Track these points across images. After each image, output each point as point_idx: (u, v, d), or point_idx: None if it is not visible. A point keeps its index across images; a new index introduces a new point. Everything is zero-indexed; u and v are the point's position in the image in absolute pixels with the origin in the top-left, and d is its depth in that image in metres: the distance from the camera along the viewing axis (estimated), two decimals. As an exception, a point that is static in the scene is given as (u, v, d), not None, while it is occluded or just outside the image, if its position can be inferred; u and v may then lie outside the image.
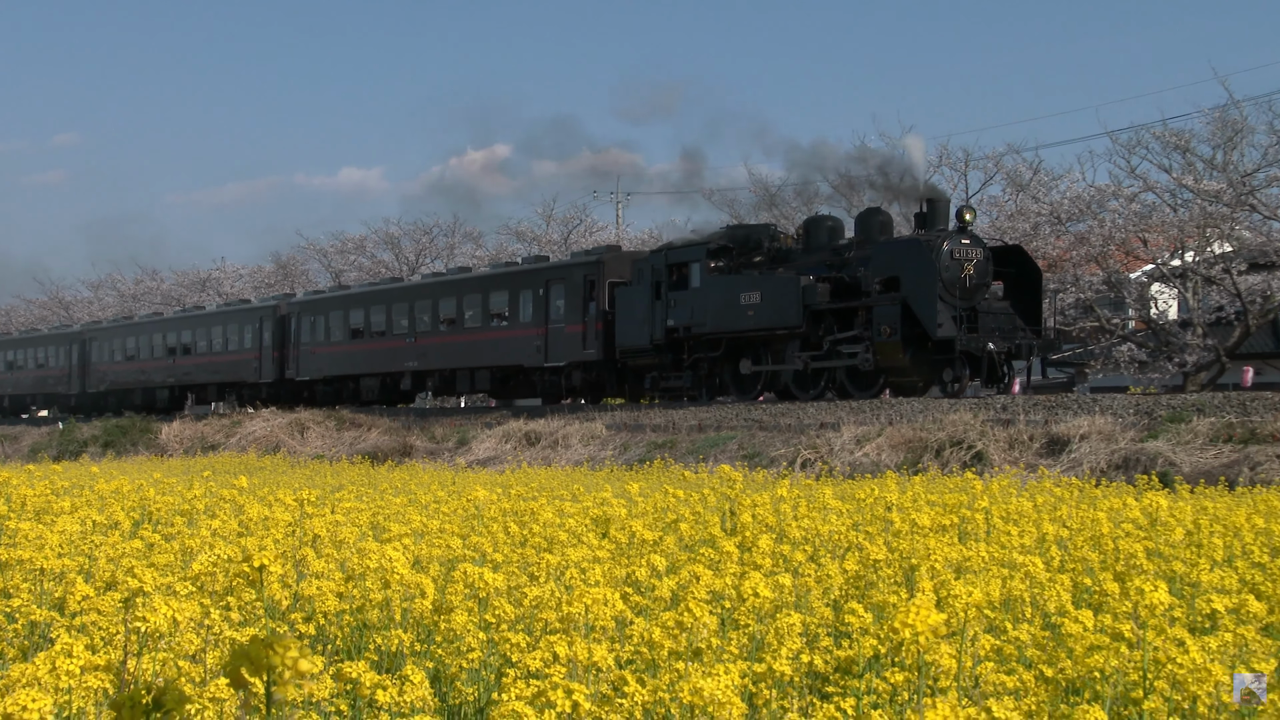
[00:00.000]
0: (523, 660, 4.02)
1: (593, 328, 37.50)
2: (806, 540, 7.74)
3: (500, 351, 41.09)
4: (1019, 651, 4.66)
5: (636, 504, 10.76)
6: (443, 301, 44.35)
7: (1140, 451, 21.41)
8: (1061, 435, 22.92)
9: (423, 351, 44.17)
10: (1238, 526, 7.80)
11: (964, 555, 6.17)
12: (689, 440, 29.59)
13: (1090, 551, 6.95)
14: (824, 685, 4.39)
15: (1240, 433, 20.99)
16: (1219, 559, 6.85)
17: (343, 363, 48.20)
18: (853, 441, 25.61)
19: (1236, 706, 3.66)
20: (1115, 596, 4.30)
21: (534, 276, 40.64)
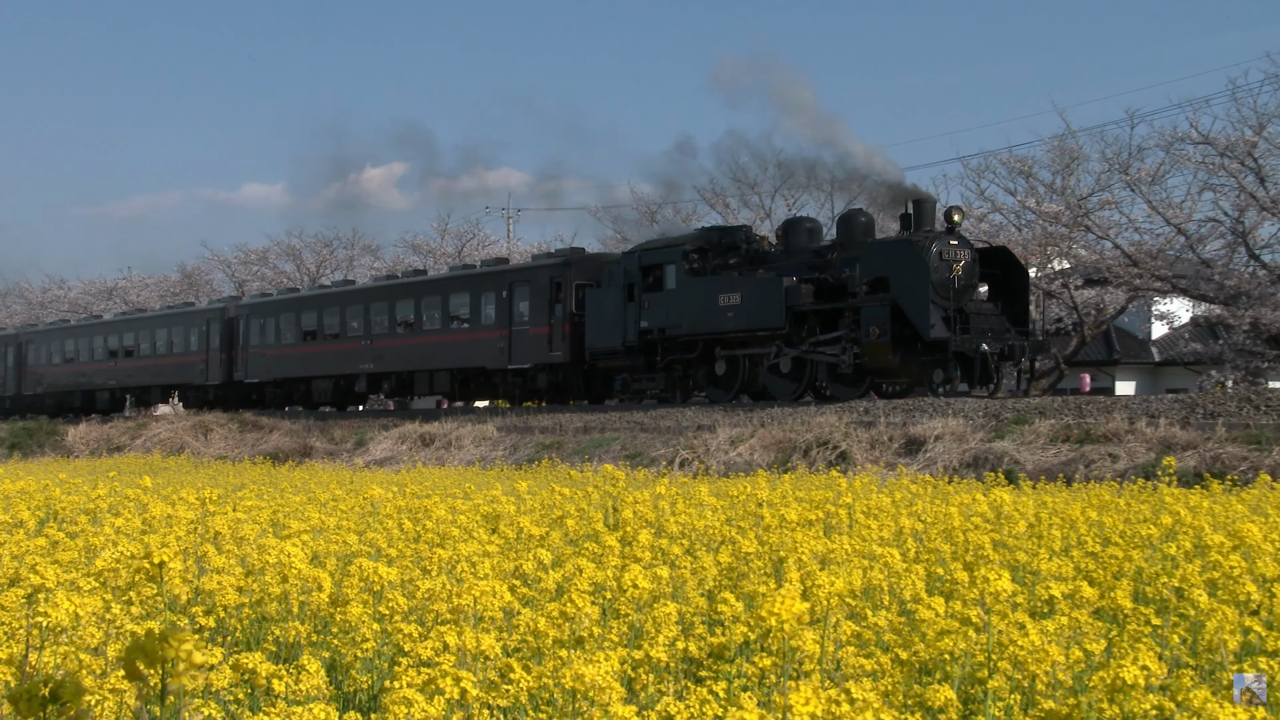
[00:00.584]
0: (415, 649, 3.98)
1: (560, 330, 35.58)
2: (684, 535, 7.75)
3: (461, 354, 39.21)
4: (877, 636, 4.71)
5: (525, 501, 10.72)
6: (400, 304, 42.34)
7: (989, 451, 21.74)
8: (918, 436, 23.19)
9: (379, 354, 42.32)
10: (1074, 519, 7.94)
11: (828, 548, 6.21)
12: (575, 441, 29.54)
13: (943, 543, 7.03)
14: (698, 670, 4.40)
15: (1077, 433, 21.42)
16: (1057, 549, 6.97)
17: (294, 365, 46.11)
18: (728, 442, 25.72)
19: (1070, 683, 3.72)
20: (964, 585, 4.35)
21: (497, 279, 38.69)
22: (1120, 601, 4.68)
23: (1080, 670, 4.00)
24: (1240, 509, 9.56)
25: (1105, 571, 5.82)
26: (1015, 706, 3.84)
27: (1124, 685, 3.33)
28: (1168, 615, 4.74)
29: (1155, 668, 3.39)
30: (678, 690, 4.19)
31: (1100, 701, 3.41)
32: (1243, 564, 4.91)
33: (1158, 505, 9.94)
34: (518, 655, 4.24)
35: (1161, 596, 5.20)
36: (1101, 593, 4.85)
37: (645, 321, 32.81)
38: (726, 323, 30.85)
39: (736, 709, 2.50)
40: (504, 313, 37.48)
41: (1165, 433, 20.42)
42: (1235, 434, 19.74)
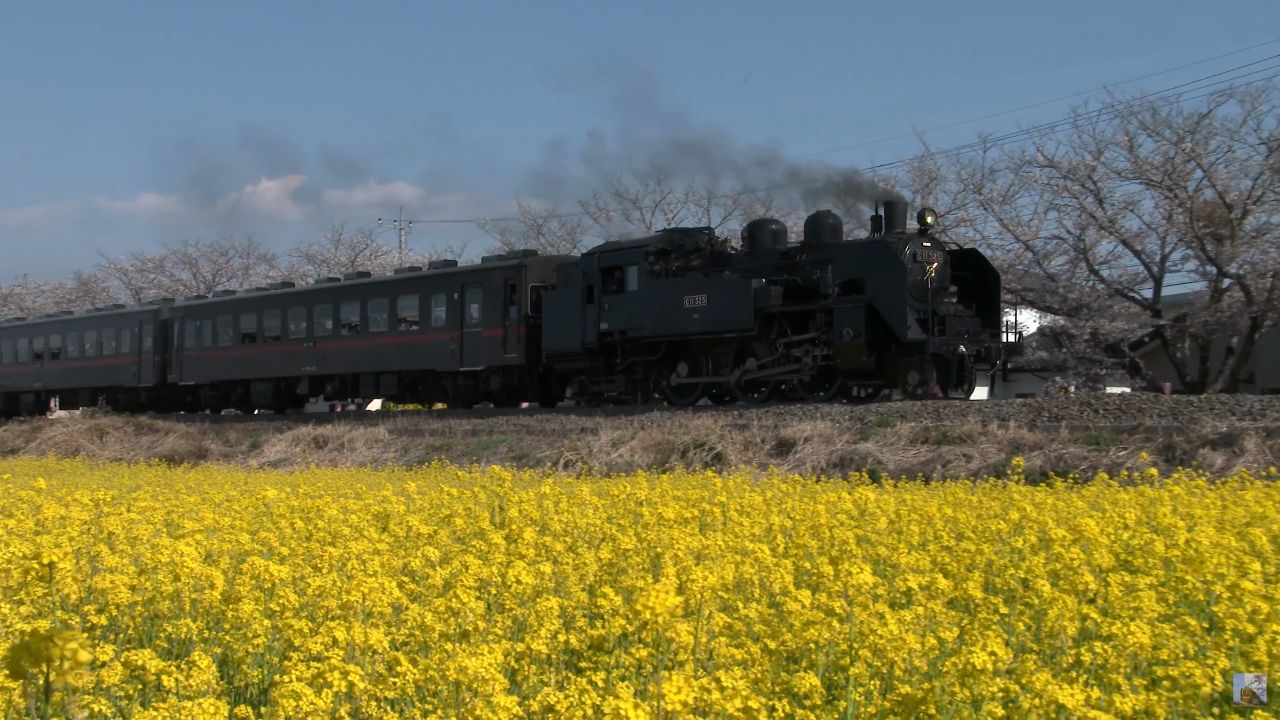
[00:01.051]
0: (305, 644, 3.92)
1: (514, 331, 33.81)
2: (567, 532, 7.73)
3: (410, 356, 37.24)
4: (748, 627, 4.73)
5: (415, 501, 10.63)
6: (344, 306, 40.20)
7: (854, 452, 22.01)
8: (789, 438, 23.39)
9: (322, 356, 40.22)
10: (931, 516, 8.05)
11: (703, 544, 6.24)
12: (464, 444, 29.36)
13: (810, 539, 7.09)
14: (579, 661, 4.38)
15: (935, 435, 21.77)
16: (915, 543, 7.06)
17: (232, 367, 43.81)
18: (609, 444, 25.74)
19: (925, 669, 3.77)
20: (830, 578, 4.39)
21: (448, 281, 36.73)
22: (972, 592, 4.76)
23: (935, 656, 4.06)
24: (1081, 505, 9.78)
25: (959, 564, 5.92)
26: (875, 691, 3.89)
27: (974, 670, 3.39)
28: (1015, 604, 4.82)
29: (1002, 653, 3.46)
30: (559, 681, 4.18)
31: (952, 685, 3.46)
32: (1082, 556, 5.03)
33: (1007, 502, 10.14)
34: (406, 649, 4.20)
35: (1009, 587, 5.30)
36: (955, 584, 4.92)
37: (605, 323, 31.26)
38: (691, 324, 29.46)
39: (613, 698, 2.50)
40: (455, 315, 35.73)
41: (1015, 435, 20.84)
42: (1077, 435, 20.21)
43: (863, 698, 3.87)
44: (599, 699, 2.81)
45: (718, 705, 2.61)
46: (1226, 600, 4.33)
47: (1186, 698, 3.54)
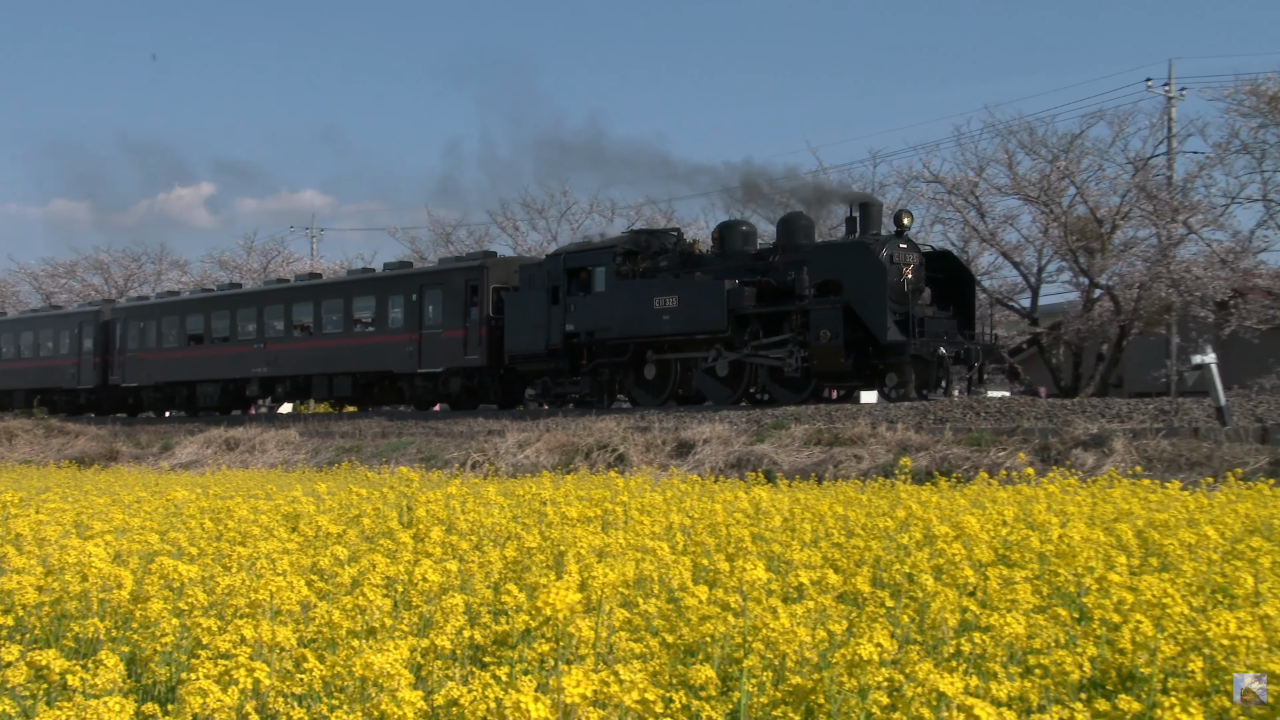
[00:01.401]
0: (214, 642, 3.84)
1: (476, 333, 32.50)
2: (473, 531, 7.67)
3: (366, 357, 35.80)
4: (647, 622, 4.73)
5: (324, 501, 10.49)
6: (297, 306, 38.61)
7: (750, 453, 22.14)
8: (689, 439, 23.47)
9: (273, 357, 38.60)
10: (822, 514, 8.12)
11: (605, 542, 6.23)
12: (374, 445, 29.07)
13: (708, 537, 7.11)
14: (484, 656, 4.36)
15: (827, 437, 21.97)
16: (808, 540, 7.12)
17: (177, 369, 42.05)
18: (516, 446, 25.63)
19: (816, 660, 3.80)
20: (726, 574, 4.41)
21: (406, 282, 35.37)
22: (860, 587, 4.81)
23: (825, 649, 4.09)
24: (963, 503, 9.93)
25: (849, 560, 5.97)
26: (768, 682, 3.91)
27: (861, 661, 3.42)
28: (900, 598, 4.88)
29: (888, 644, 3.49)
30: (463, 676, 4.15)
31: (841, 675, 3.49)
32: (963, 552, 5.10)
33: (894, 501, 10.26)
34: (314, 646, 4.14)
35: (895, 581, 5.36)
36: (845, 579, 4.97)
37: (571, 324, 30.03)
38: (662, 325, 28.31)
39: (514, 692, 2.50)
40: (414, 316, 34.34)
41: (902, 436, 21.11)
42: (960, 437, 20.53)
43: (756, 688, 3.89)
44: (501, 693, 2.80)
45: (616, 698, 2.61)
46: (1095, 592, 4.42)
47: (1058, 684, 3.61)
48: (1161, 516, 7.82)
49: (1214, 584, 5.30)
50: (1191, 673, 3.60)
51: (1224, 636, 3.54)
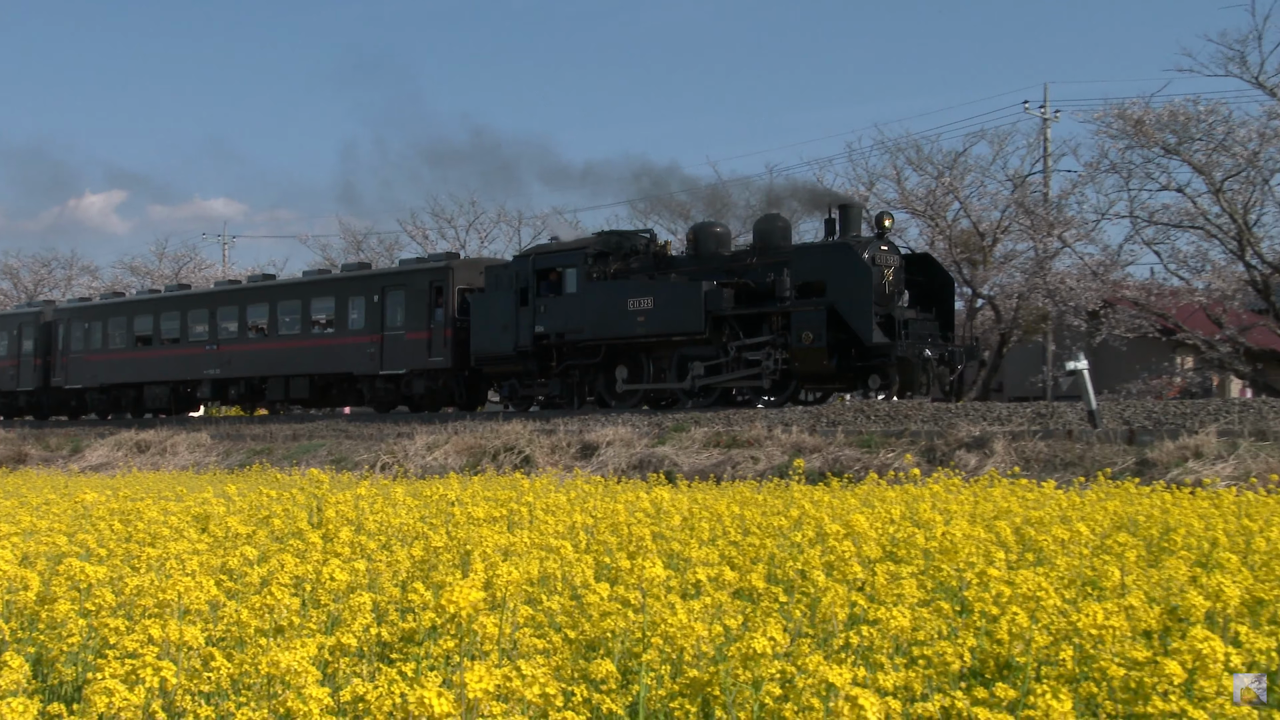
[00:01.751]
0: (121, 642, 3.75)
1: (441, 334, 30.92)
2: (381, 531, 7.60)
3: (324, 359, 34.02)
4: (550, 619, 4.72)
5: (235, 502, 10.31)
6: (252, 308, 36.56)
7: (652, 455, 22.18)
8: (593, 442, 23.44)
9: (226, 359, 36.65)
10: (720, 513, 8.16)
11: (510, 541, 6.20)
12: (285, 448, 28.63)
13: (610, 536, 7.11)
14: (391, 653, 4.31)
15: (725, 439, 22.09)
16: (706, 539, 7.15)
17: (124, 370, 39.86)
18: (424, 448, 25.41)
19: (712, 653, 3.81)
20: (627, 572, 4.41)
21: (367, 283, 33.59)
22: (755, 583, 4.83)
23: (721, 642, 4.11)
24: (853, 502, 10.04)
25: (745, 558, 6.00)
26: (666, 675, 3.92)
27: (755, 654, 3.44)
28: (793, 593, 4.92)
29: (780, 638, 3.52)
30: (370, 672, 4.10)
31: (736, 668, 3.51)
32: (852, 549, 5.16)
33: (789, 500, 10.35)
34: (222, 645, 4.07)
35: (789, 578, 5.40)
36: (741, 576, 4.99)
37: (541, 326, 28.62)
38: (637, 327, 26.91)
39: (418, 688, 2.47)
40: (375, 317, 32.67)
41: (797, 438, 21.28)
42: (851, 439, 20.75)
43: (654, 681, 3.90)
44: (407, 689, 2.77)
45: (518, 692, 2.60)
46: (976, 586, 4.50)
47: (940, 674, 3.66)
48: (1038, 514, 7.99)
49: (1084, 577, 5.42)
50: (1062, 661, 3.67)
51: (1092, 627, 3.62)
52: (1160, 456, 17.03)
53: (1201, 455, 16.72)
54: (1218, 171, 33.09)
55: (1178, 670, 3.03)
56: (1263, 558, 5.95)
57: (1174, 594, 4.90)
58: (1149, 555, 6.27)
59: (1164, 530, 7.30)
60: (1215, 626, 3.90)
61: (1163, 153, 34.17)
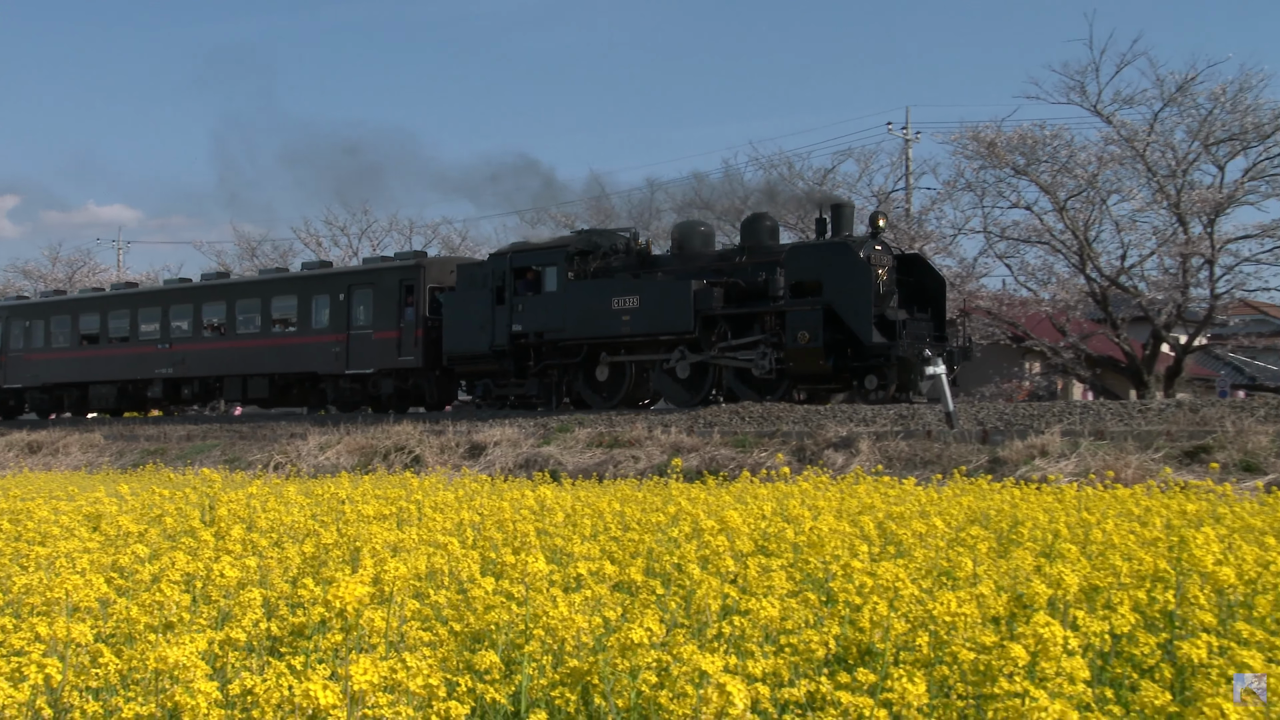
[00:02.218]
0: (8, 640, 3.62)
1: (411, 334, 29.31)
2: (273, 529, 7.45)
3: (287, 358, 32.12)
4: (436, 612, 4.67)
5: (127, 502, 10.03)
6: (208, 306, 34.56)
7: (538, 454, 22.11)
8: (481, 442, 23.29)
9: (180, 359, 34.57)
10: (601, 510, 8.16)
11: (400, 538, 6.13)
12: (179, 448, 27.91)
13: (496, 532, 7.07)
14: (281, 647, 4.23)
15: (608, 439, 22.12)
16: (588, 534, 7.14)
17: (68, 370, 37.53)
18: (317, 448, 25.01)
19: (592, 644, 3.81)
20: (511, 566, 4.38)
21: (332, 281, 31.78)
22: (634, 576, 4.84)
23: (601, 633, 4.11)
24: (728, 499, 10.12)
25: (624, 552, 6.02)
26: (548, 665, 3.90)
27: (633, 644, 3.44)
28: (670, 586, 4.94)
29: (657, 629, 3.52)
30: (260, 666, 4.02)
31: (615, 658, 3.51)
32: (726, 543, 5.19)
33: (667, 497, 10.39)
34: (112, 641, 3.94)
35: (666, 571, 5.43)
36: (620, 570, 5.00)
37: (519, 325, 27.10)
38: (621, 326, 25.45)
39: (304, 681, 2.42)
40: (341, 316, 30.92)
41: (676, 439, 21.40)
42: (727, 439, 20.93)
43: (536, 671, 3.88)
44: (294, 682, 2.71)
45: (403, 683, 2.56)
46: (840, 577, 4.56)
47: (805, 660, 3.70)
48: (899, 509, 8.13)
49: (940, 568, 5.54)
50: (919, 646, 3.74)
51: (946, 614, 3.70)
52: (1010, 455, 17.48)
53: (1047, 454, 17.21)
54: (1061, 191, 34.18)
55: (1022, 653, 3.10)
56: (1099, 548, 6.15)
57: (1020, 583, 5.02)
58: (999, 547, 6.43)
59: (1013, 524, 7.49)
60: (1056, 612, 4.01)
61: (1013, 173, 35.19)
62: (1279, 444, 16.23)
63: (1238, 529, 7.22)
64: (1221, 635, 4.01)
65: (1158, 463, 16.08)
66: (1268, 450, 16.07)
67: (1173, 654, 3.89)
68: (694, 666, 2.97)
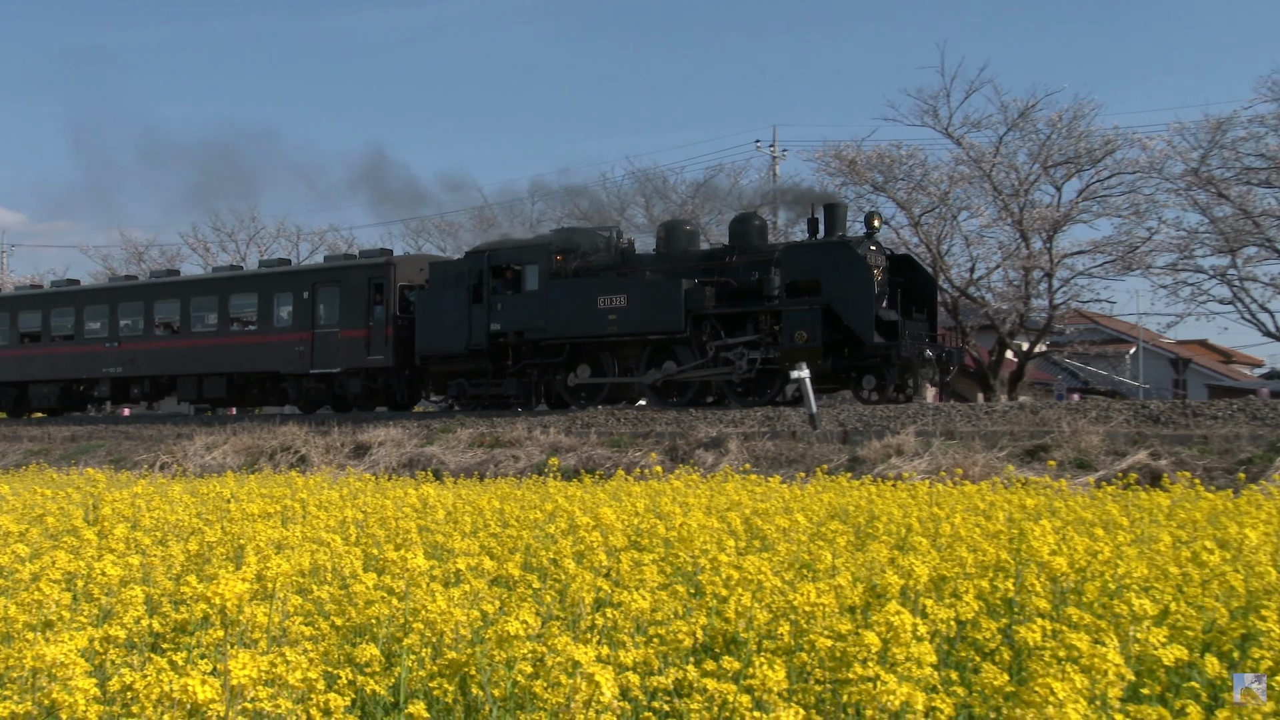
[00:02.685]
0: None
1: (381, 332, 27.71)
2: (158, 527, 7.24)
3: (246, 357, 30.27)
4: (319, 607, 4.59)
5: (8, 501, 9.64)
6: (160, 304, 32.36)
7: (421, 454, 21.87)
8: (365, 442, 22.95)
9: (130, 357, 32.44)
10: (481, 508, 8.11)
11: (284, 535, 6.01)
12: (63, 448, 26.90)
13: (379, 529, 6.98)
14: (163, 643, 4.11)
15: (489, 439, 21.99)
16: (468, 531, 7.09)
17: (5, 369, 35.08)
18: (204, 448, 24.35)
19: (470, 637, 3.78)
20: (393, 562, 4.32)
21: (295, 279, 29.90)
22: (512, 571, 4.82)
23: (479, 626, 4.08)
24: (603, 497, 10.13)
25: (503, 548, 5.98)
26: (427, 658, 3.86)
27: (509, 636, 3.43)
28: (546, 580, 4.93)
29: (533, 621, 3.52)
30: (141, 662, 3.89)
31: (492, 649, 3.49)
32: (600, 539, 5.20)
33: (545, 495, 10.37)
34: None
35: (543, 565, 5.41)
36: (499, 565, 4.97)
37: (497, 324, 25.68)
38: (608, 326, 24.09)
39: (183, 676, 2.36)
40: (305, 314, 29.15)
41: (554, 439, 21.36)
42: (603, 439, 20.97)
43: (416, 663, 3.84)
44: (173, 677, 2.63)
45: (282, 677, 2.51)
46: (708, 570, 4.60)
47: (674, 650, 3.73)
48: (764, 505, 8.24)
49: (802, 560, 5.63)
50: (780, 635, 3.80)
51: (806, 605, 3.76)
52: (869, 454, 17.85)
53: (902, 453, 17.62)
54: (916, 207, 35.07)
55: (875, 640, 3.17)
56: (948, 540, 6.31)
57: (876, 574, 5.13)
58: (857, 540, 6.56)
59: (869, 518, 7.65)
60: (908, 601, 4.11)
61: (872, 189, 35.98)
62: (1108, 443, 16.88)
63: (1071, 521, 7.48)
64: (1055, 619, 4.15)
65: (1002, 460, 16.58)
66: (1098, 449, 16.70)
67: (1011, 638, 4.01)
68: (568, 657, 2.96)
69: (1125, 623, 3.62)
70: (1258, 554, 5.33)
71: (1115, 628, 3.64)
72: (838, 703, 3.19)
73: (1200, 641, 4.14)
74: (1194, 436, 16.70)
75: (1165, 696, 3.63)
